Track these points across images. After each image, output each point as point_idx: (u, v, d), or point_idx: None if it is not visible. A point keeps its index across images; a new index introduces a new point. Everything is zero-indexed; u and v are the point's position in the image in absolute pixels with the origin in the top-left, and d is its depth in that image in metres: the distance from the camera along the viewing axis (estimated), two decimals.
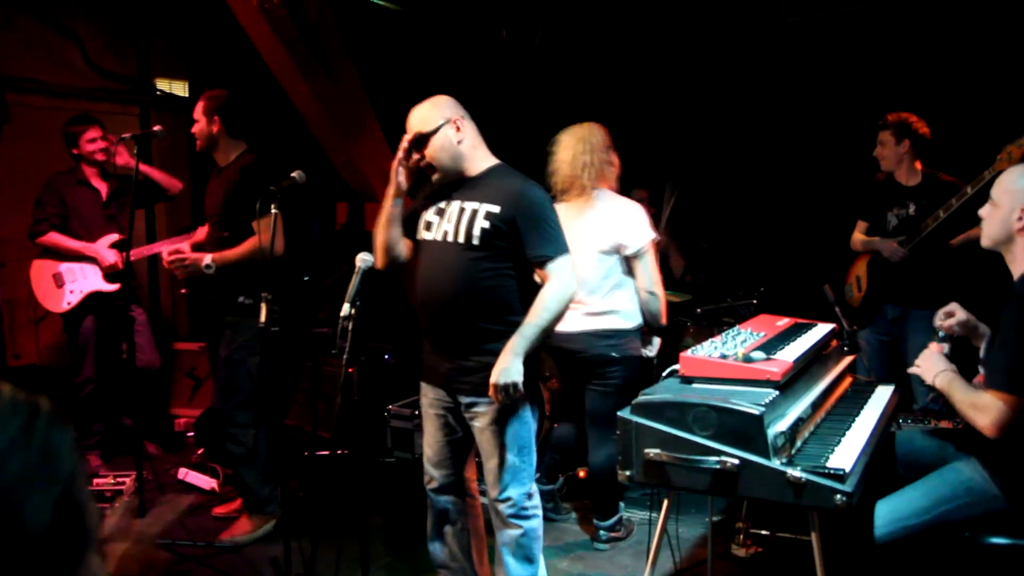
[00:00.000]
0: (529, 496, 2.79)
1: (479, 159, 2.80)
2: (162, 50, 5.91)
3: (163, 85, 5.95)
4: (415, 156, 2.76)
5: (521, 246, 2.66)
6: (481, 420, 2.73)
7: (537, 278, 2.73)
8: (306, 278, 5.09)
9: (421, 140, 2.74)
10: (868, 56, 5.13)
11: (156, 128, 3.89)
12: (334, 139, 5.07)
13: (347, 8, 5.15)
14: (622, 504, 3.86)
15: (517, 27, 6.00)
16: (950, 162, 4.19)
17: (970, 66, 4.75)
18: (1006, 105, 4.45)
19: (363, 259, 2.86)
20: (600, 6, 5.76)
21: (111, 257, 4.43)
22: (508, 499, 2.75)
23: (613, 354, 3.57)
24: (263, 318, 3.14)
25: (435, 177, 2.78)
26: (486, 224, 2.66)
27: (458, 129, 2.74)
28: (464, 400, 2.75)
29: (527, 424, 2.76)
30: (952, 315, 2.76)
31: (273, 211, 3.24)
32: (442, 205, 2.80)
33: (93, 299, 4.48)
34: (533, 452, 2.80)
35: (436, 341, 2.82)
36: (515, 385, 2.57)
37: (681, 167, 5.87)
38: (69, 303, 4.43)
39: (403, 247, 2.90)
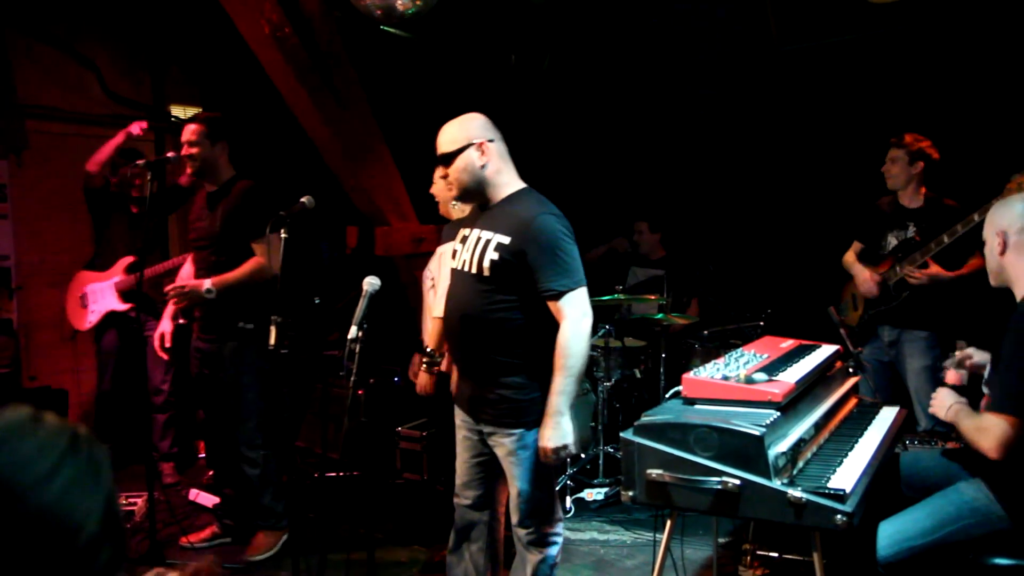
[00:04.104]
0: (551, 523, 2.80)
1: (503, 185, 2.74)
2: (176, 77, 6.02)
3: (177, 111, 6.05)
4: (441, 172, 2.74)
5: (532, 279, 2.59)
6: (501, 449, 2.74)
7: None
8: (317, 301, 5.15)
9: (445, 159, 2.70)
10: (864, 82, 5.18)
11: (169, 154, 3.97)
12: (344, 164, 5.13)
13: (357, 35, 5.24)
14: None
15: (526, 52, 6.08)
16: (947, 189, 4.20)
17: (965, 93, 4.79)
18: (1004, 133, 4.47)
19: (370, 283, 2.91)
20: (605, 34, 5.83)
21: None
22: (529, 527, 2.77)
23: None
24: (273, 340, 3.18)
25: (454, 197, 2.78)
26: (495, 256, 2.62)
27: (483, 153, 2.68)
28: (485, 429, 2.77)
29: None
30: (970, 357, 2.81)
31: (283, 235, 3.28)
32: (467, 233, 2.79)
33: (115, 318, 4.72)
34: (553, 481, 2.80)
35: (460, 369, 2.86)
36: (565, 447, 2.56)
37: (685, 192, 5.93)
38: (90, 322, 4.77)
39: None
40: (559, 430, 2.54)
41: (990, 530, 2.50)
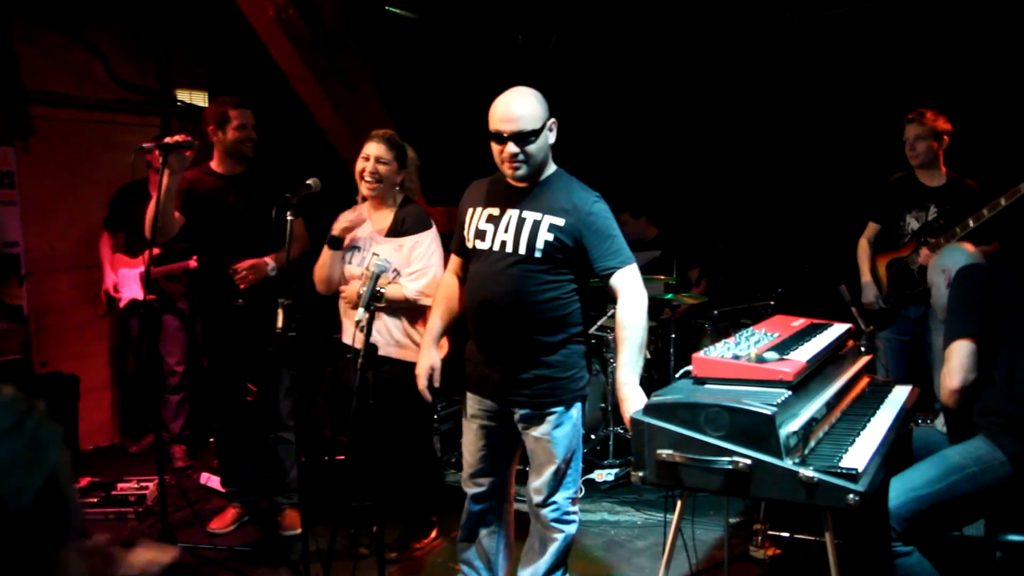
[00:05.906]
0: (573, 502, 2.81)
1: (548, 165, 2.73)
2: (182, 61, 5.99)
3: (183, 96, 6.02)
4: (513, 150, 2.57)
5: (585, 259, 2.64)
6: (538, 431, 2.72)
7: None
8: None
9: (525, 137, 2.57)
10: (877, 54, 5.10)
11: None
12: (350, 146, 5.10)
13: (363, 16, 5.20)
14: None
15: (532, 32, 6.02)
16: (961, 166, 4.12)
17: (981, 66, 4.71)
18: (1016, 105, 4.40)
19: (376, 264, 2.89)
20: (612, 11, 5.77)
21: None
22: (554, 503, 2.76)
23: None
24: (280, 323, 3.16)
25: (519, 173, 2.62)
26: (550, 237, 2.61)
27: (552, 131, 2.68)
28: (519, 412, 2.74)
29: (579, 432, 2.78)
30: None
31: (290, 218, 3.25)
32: (494, 212, 2.72)
33: (137, 306, 4.88)
34: (580, 458, 2.81)
35: (489, 352, 2.78)
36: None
37: (695, 170, 5.87)
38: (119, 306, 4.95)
39: None
40: (631, 401, 2.55)
41: (994, 477, 2.59)
